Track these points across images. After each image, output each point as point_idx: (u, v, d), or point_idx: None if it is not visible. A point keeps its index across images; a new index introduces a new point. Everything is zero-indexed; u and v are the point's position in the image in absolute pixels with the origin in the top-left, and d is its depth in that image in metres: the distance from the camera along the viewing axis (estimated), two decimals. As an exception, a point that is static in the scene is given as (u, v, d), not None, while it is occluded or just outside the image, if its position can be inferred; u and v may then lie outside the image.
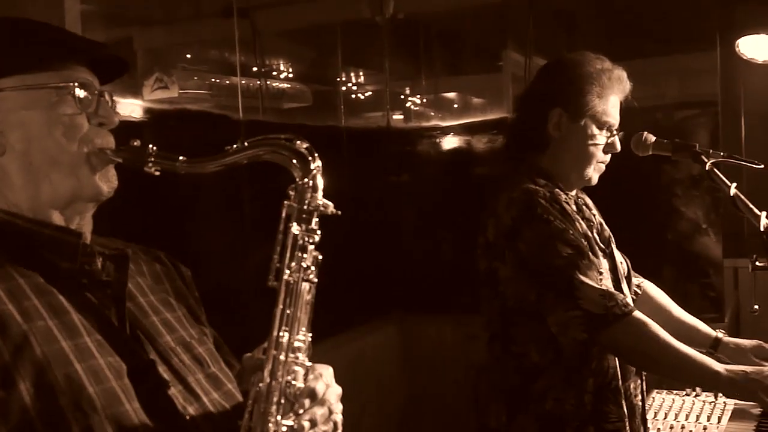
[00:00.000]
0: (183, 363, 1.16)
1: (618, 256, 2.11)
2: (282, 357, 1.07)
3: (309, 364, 1.11)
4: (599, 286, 1.82)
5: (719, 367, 1.79)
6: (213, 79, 3.36)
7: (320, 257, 1.13)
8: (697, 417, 2.23)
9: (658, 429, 2.18)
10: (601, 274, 1.87)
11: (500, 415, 1.98)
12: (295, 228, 1.11)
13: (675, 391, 2.42)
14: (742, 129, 3.49)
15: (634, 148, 2.08)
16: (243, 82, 3.32)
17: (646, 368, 1.97)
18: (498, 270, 1.92)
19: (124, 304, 1.16)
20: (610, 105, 1.99)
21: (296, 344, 1.09)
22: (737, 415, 2.21)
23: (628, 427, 1.94)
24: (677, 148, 2.02)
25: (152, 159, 1.15)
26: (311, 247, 1.12)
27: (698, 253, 3.51)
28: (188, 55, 3.28)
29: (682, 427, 2.17)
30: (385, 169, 4.14)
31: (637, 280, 2.28)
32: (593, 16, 3.93)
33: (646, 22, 3.62)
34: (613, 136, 2.01)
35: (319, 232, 1.13)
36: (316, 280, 1.12)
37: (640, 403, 2.03)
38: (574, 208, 1.97)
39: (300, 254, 1.11)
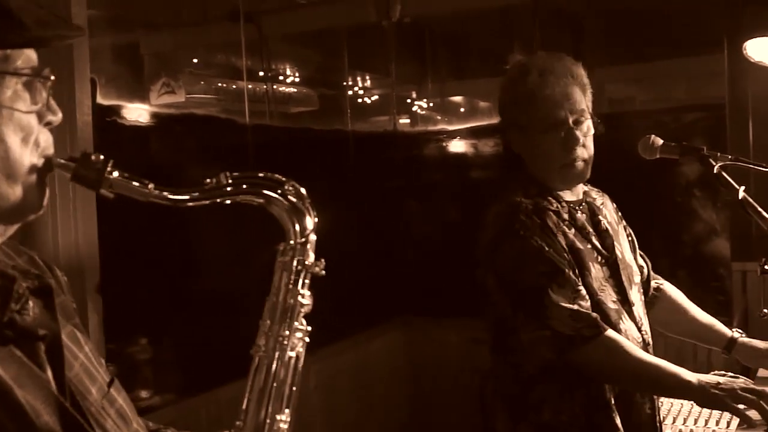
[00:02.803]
0: (116, 424, 0.96)
1: (635, 260, 2.09)
2: None
3: None
4: (570, 306, 1.79)
5: (691, 376, 1.76)
6: (220, 84, 3.37)
7: (309, 329, 1.03)
8: (706, 422, 2.21)
9: (667, 434, 2.17)
10: (578, 291, 1.84)
11: (506, 421, 1.97)
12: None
13: (683, 396, 2.40)
14: (750, 132, 3.47)
15: (642, 151, 2.05)
16: (249, 86, 3.32)
17: (617, 385, 1.94)
18: (487, 281, 1.92)
19: (63, 364, 0.90)
20: (550, 106, 1.89)
21: (282, 426, 1.00)
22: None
23: None
24: (685, 151, 2.00)
25: (111, 181, 0.92)
26: (303, 311, 1.02)
27: (706, 257, 3.50)
28: (195, 60, 3.29)
29: (691, 432, 2.16)
30: (391, 172, 4.14)
31: (656, 282, 2.26)
32: (599, 19, 3.93)
33: (653, 25, 3.61)
34: (570, 128, 1.93)
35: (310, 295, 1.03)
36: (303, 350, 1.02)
37: (649, 410, 2.01)
38: (566, 217, 1.94)
39: (295, 323, 1.01)
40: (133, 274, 2.55)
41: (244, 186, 0.99)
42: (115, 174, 0.93)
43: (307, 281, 1.03)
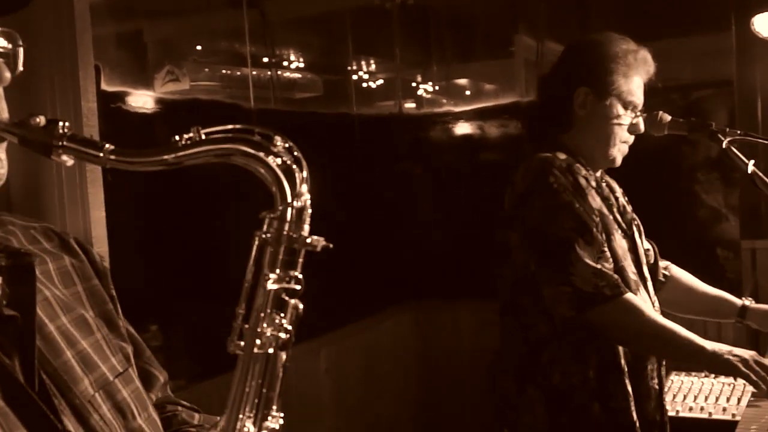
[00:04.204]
0: (104, 420, 0.87)
1: (642, 242, 2.10)
2: None
3: None
4: (594, 264, 1.82)
5: (704, 343, 1.80)
6: (224, 71, 3.36)
7: (301, 307, 0.85)
8: (716, 398, 2.22)
9: (677, 411, 2.17)
10: (602, 252, 1.86)
11: (511, 385, 1.99)
12: (271, 282, 0.83)
13: (694, 373, 2.40)
14: (759, 108, 3.44)
15: (649, 128, 2.05)
16: (254, 73, 3.31)
17: (632, 347, 1.97)
18: (510, 239, 1.93)
19: (33, 349, 0.83)
20: (635, 85, 1.99)
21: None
22: (756, 395, 2.20)
23: (634, 408, 1.93)
24: (693, 127, 2.00)
25: (62, 143, 0.83)
26: (293, 301, 0.85)
27: (716, 235, 3.48)
28: (198, 47, 3.28)
29: (701, 409, 2.16)
30: (397, 156, 4.14)
31: (664, 263, 2.28)
32: (605, -1, 3.90)
33: (659, 3, 3.58)
34: (638, 117, 2.00)
35: (301, 278, 0.85)
36: (293, 339, 0.86)
37: (657, 386, 2.02)
38: (593, 184, 1.97)
39: (277, 314, 0.84)
40: (142, 260, 2.56)
41: (219, 143, 0.84)
42: (67, 138, 0.83)
43: (299, 260, 0.85)
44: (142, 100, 2.69)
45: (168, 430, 1.01)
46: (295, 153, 0.86)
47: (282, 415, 0.86)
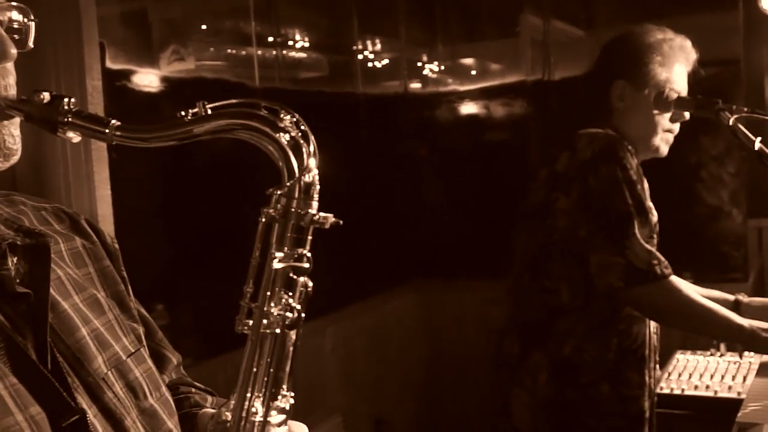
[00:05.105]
0: (117, 397, 0.87)
1: None
2: None
3: None
4: (646, 245, 1.87)
5: (743, 321, 1.86)
6: (229, 50, 3.34)
7: (310, 285, 0.84)
8: (722, 377, 2.22)
9: (683, 389, 2.18)
10: (651, 238, 1.91)
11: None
12: (277, 262, 0.82)
13: (699, 351, 2.41)
14: (766, 87, 3.42)
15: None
16: (259, 52, 3.30)
17: (672, 325, 2.03)
18: (556, 201, 1.95)
19: (45, 326, 0.82)
20: (675, 73, 2.01)
21: (256, 419, 0.84)
22: (761, 373, 2.20)
23: (647, 399, 1.95)
24: (699, 104, 1.99)
25: (68, 119, 0.82)
26: (302, 279, 0.83)
27: (722, 215, 3.47)
28: (203, 26, 3.26)
29: (707, 387, 2.17)
30: (402, 135, 4.13)
31: None
32: (612, -23, 3.86)
33: (667, -19, 3.54)
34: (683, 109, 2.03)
35: (310, 256, 0.83)
36: (304, 316, 0.84)
37: (653, 385, 2.05)
38: (641, 172, 2.00)
39: (285, 293, 0.82)
40: (148, 239, 2.56)
41: (225, 118, 0.82)
42: (72, 114, 0.82)
43: (308, 237, 0.83)
44: (147, 79, 2.69)
45: (180, 412, 1.01)
46: (302, 127, 0.84)
47: (292, 394, 0.85)
